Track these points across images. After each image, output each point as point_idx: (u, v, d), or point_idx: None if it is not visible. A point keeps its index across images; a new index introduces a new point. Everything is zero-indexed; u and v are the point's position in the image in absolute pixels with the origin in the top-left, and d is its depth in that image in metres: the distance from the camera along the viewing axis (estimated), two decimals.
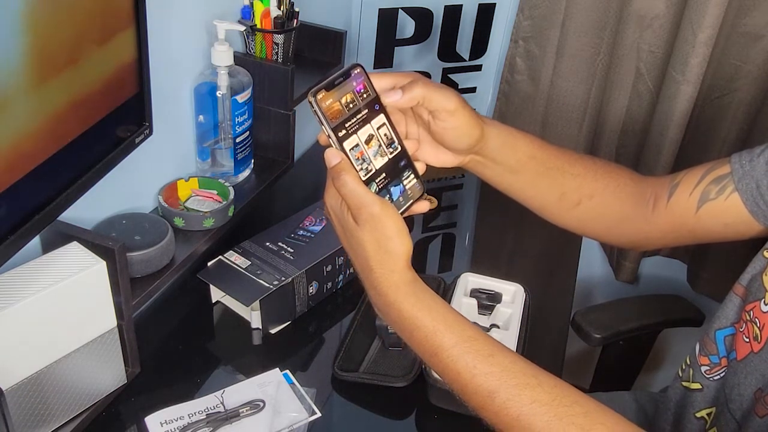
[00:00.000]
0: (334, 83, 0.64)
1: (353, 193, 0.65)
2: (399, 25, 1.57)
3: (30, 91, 0.68)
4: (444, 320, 0.66)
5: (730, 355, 0.83)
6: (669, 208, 0.83)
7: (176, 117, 1.09)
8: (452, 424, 0.95)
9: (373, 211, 0.64)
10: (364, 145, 0.66)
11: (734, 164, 0.80)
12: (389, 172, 0.68)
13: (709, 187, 0.81)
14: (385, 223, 0.64)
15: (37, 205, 0.73)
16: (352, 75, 0.65)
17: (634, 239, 0.90)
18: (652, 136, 1.52)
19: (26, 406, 0.79)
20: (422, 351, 0.67)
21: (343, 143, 0.64)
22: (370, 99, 0.66)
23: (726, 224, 0.80)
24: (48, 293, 0.76)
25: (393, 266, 0.65)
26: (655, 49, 1.47)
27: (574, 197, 0.85)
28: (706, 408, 0.87)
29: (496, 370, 0.63)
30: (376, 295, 0.67)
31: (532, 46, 1.55)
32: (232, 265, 1.08)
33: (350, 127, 0.65)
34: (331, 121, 0.64)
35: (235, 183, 1.15)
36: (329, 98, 0.63)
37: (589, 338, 1.23)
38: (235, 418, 0.89)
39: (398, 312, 0.66)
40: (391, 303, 0.66)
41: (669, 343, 1.77)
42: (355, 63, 0.66)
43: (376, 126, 0.67)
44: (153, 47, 0.86)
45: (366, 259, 0.66)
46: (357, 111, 0.65)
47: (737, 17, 1.39)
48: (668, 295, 1.43)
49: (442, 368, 0.66)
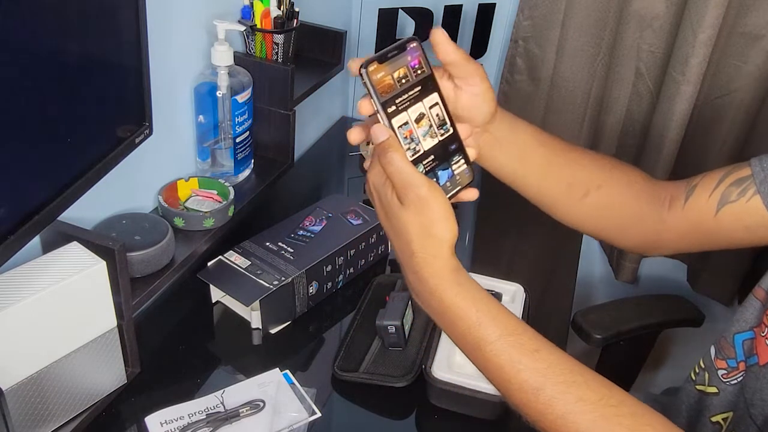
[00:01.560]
0: (388, 56, 0.60)
1: (400, 171, 0.61)
2: (399, 25, 1.57)
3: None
4: (488, 312, 0.63)
5: (750, 360, 0.82)
6: (687, 209, 0.82)
7: (176, 117, 1.09)
8: (452, 424, 0.95)
9: (420, 192, 0.61)
10: (413, 124, 0.62)
11: (755, 167, 0.79)
12: (438, 155, 0.64)
13: (729, 189, 0.79)
14: (431, 206, 0.61)
15: (37, 205, 0.73)
16: (407, 48, 0.61)
17: (646, 240, 0.87)
18: (652, 136, 1.52)
19: (26, 406, 0.79)
20: (463, 343, 0.65)
21: (391, 119, 0.61)
22: (425, 76, 0.63)
23: (746, 227, 0.79)
24: (48, 293, 0.76)
25: (436, 252, 0.63)
26: (655, 49, 1.47)
27: (581, 188, 0.82)
28: (723, 412, 0.85)
29: (541, 366, 0.62)
30: (416, 281, 0.64)
31: (532, 46, 1.55)
32: (232, 265, 1.08)
33: (401, 104, 0.61)
34: (381, 95, 0.60)
35: (235, 183, 1.15)
36: (381, 71, 0.60)
37: (590, 339, 1.23)
38: (235, 418, 0.89)
39: (440, 301, 0.64)
40: (433, 291, 0.63)
41: (669, 344, 1.78)
42: (412, 36, 0.62)
43: (428, 105, 0.63)
44: (153, 47, 0.86)
45: (408, 243, 0.63)
46: (409, 87, 0.62)
47: (737, 17, 1.39)
48: (669, 295, 1.43)
49: (484, 362, 0.64)
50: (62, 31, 0.72)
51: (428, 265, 0.63)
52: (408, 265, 0.64)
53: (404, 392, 0.97)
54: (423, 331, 1.04)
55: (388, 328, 0.99)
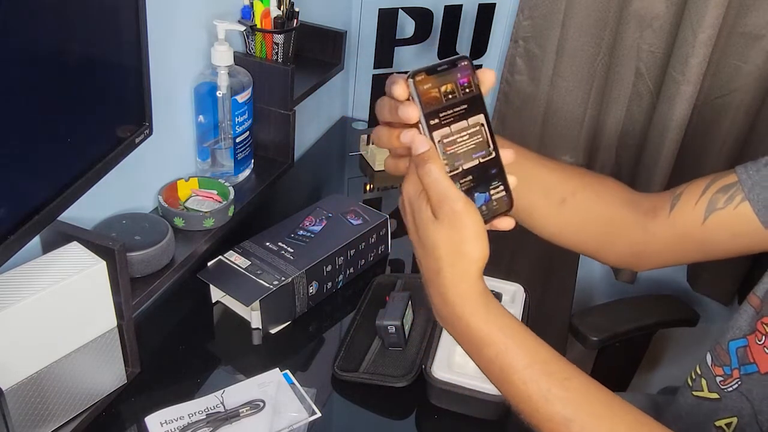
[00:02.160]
0: (437, 69, 0.60)
1: (438, 183, 0.60)
2: (399, 25, 1.57)
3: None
4: (516, 338, 0.62)
5: (746, 368, 0.81)
6: (672, 218, 0.82)
7: (176, 117, 1.09)
8: (452, 424, 0.95)
9: (456, 207, 0.59)
10: (455, 140, 0.61)
11: (741, 174, 0.79)
12: (477, 177, 0.63)
13: (716, 196, 0.79)
14: (465, 223, 0.59)
15: (37, 205, 0.73)
16: (458, 66, 0.61)
17: (633, 252, 0.86)
18: (652, 136, 1.52)
19: (26, 406, 0.79)
20: (490, 370, 0.63)
21: (433, 132, 0.60)
22: (472, 95, 0.62)
23: (734, 234, 0.79)
24: (48, 293, 0.76)
25: (465, 272, 0.60)
26: (655, 49, 1.47)
27: (558, 192, 0.81)
28: (727, 417, 0.85)
29: (571, 396, 0.60)
30: (442, 303, 0.62)
31: (532, 46, 1.55)
32: (232, 265, 1.08)
33: (444, 118, 0.61)
34: (425, 105, 0.60)
35: (235, 183, 1.15)
36: (428, 82, 0.60)
37: (587, 341, 1.23)
38: (235, 418, 0.89)
39: (466, 325, 0.61)
40: (459, 315, 0.61)
41: (665, 344, 1.78)
42: (464, 55, 0.62)
43: (472, 124, 0.62)
44: (153, 47, 0.86)
45: (437, 259, 0.60)
46: (455, 104, 0.61)
47: (737, 17, 1.39)
48: (663, 296, 1.43)
49: (513, 391, 0.62)
50: (62, 31, 0.72)
51: (455, 286, 0.61)
52: (434, 286, 0.62)
53: (404, 392, 0.97)
54: (423, 331, 1.04)
55: (388, 328, 0.99)
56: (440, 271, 0.61)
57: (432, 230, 0.60)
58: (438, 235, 0.60)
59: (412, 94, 0.60)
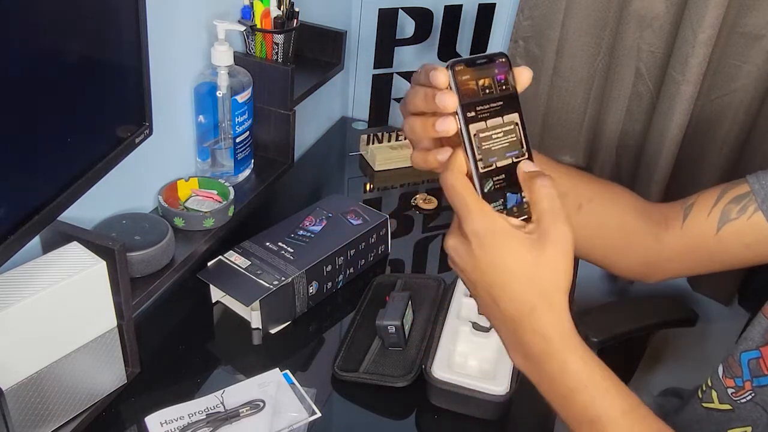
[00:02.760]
0: (476, 62, 0.59)
1: (555, 199, 0.55)
2: (399, 25, 1.57)
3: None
4: (612, 381, 0.58)
5: (761, 380, 0.81)
6: (685, 229, 0.81)
7: (176, 117, 1.09)
8: (452, 424, 0.95)
9: (566, 230, 0.55)
10: (490, 136, 0.60)
11: (753, 184, 0.79)
12: (509, 176, 0.60)
13: (728, 207, 0.79)
14: (570, 249, 0.55)
15: (37, 205, 0.73)
16: (496, 61, 0.60)
17: (646, 263, 0.85)
18: (652, 135, 1.52)
19: (26, 406, 0.79)
20: (578, 415, 0.58)
21: (469, 125, 0.59)
22: (509, 93, 0.61)
23: (747, 245, 0.79)
24: (48, 293, 0.76)
25: (561, 306, 0.56)
26: (655, 49, 1.47)
27: (574, 199, 0.80)
28: (740, 427, 0.84)
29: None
30: (538, 339, 0.56)
31: (532, 46, 1.55)
32: (232, 265, 1.08)
33: (480, 112, 0.59)
34: (462, 96, 0.58)
35: (235, 183, 1.15)
36: (466, 74, 0.58)
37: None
38: (235, 418, 0.89)
39: (562, 364, 0.57)
40: (556, 352, 0.56)
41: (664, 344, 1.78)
42: (502, 52, 0.61)
43: (507, 122, 0.61)
44: (153, 47, 0.86)
45: (536, 293, 0.55)
46: (491, 99, 0.60)
47: (737, 17, 1.39)
48: (662, 296, 1.43)
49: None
50: (62, 31, 0.72)
51: (554, 322, 0.56)
52: (526, 321, 0.56)
53: (404, 392, 0.97)
54: (423, 331, 1.04)
55: (388, 328, 0.99)
56: (535, 308, 0.56)
57: (532, 257, 0.55)
58: (541, 261, 0.55)
59: (451, 83, 0.58)
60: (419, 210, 1.39)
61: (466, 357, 1.00)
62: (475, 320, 1.02)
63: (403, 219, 1.36)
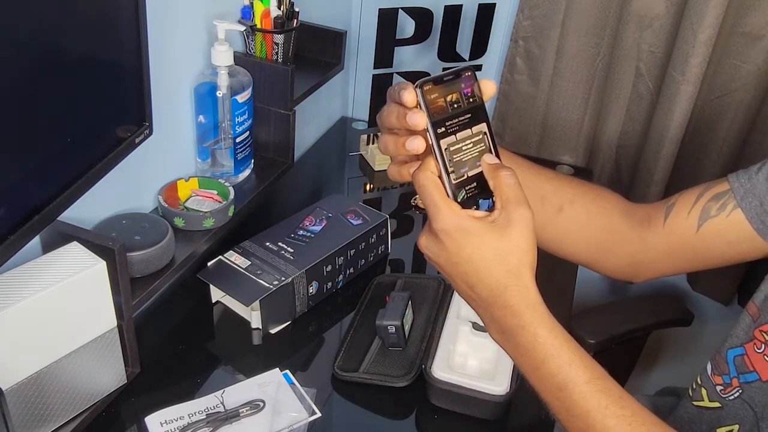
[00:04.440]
0: (443, 79, 0.62)
1: (518, 187, 0.61)
2: (399, 25, 1.57)
3: None
4: (579, 352, 0.62)
5: (746, 376, 0.82)
6: (667, 228, 0.82)
7: (176, 117, 1.09)
8: (452, 424, 0.95)
9: (527, 213, 0.60)
10: (460, 149, 0.63)
11: (733, 182, 0.79)
12: (480, 184, 0.64)
13: (708, 204, 0.80)
14: (531, 228, 0.60)
15: (37, 205, 0.73)
16: (462, 76, 0.63)
17: (631, 262, 0.87)
18: (652, 136, 1.52)
19: (26, 406, 0.79)
20: (548, 383, 0.62)
21: (440, 140, 0.62)
22: (475, 105, 0.64)
23: (729, 242, 0.80)
24: (48, 293, 0.76)
25: (528, 282, 0.61)
26: (655, 49, 1.47)
27: (555, 201, 0.82)
28: (728, 425, 0.85)
29: (627, 414, 0.61)
30: (509, 315, 0.61)
31: (532, 46, 1.55)
32: (232, 265, 1.08)
33: (450, 127, 0.63)
34: (432, 114, 0.62)
35: (235, 183, 1.15)
36: (435, 92, 0.62)
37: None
38: (235, 418, 0.89)
39: (532, 336, 0.61)
40: (527, 325, 0.61)
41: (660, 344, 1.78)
42: (468, 66, 0.64)
43: (475, 132, 0.64)
44: (153, 47, 0.86)
45: (505, 273, 0.60)
46: (460, 113, 0.63)
47: (737, 17, 1.39)
48: (657, 296, 1.44)
49: (569, 404, 0.61)
50: (62, 31, 0.72)
51: (523, 297, 0.61)
52: (499, 299, 0.61)
53: (404, 392, 0.97)
54: (423, 331, 1.04)
55: (388, 328, 0.99)
56: (507, 287, 0.61)
57: (499, 241, 0.60)
58: (508, 243, 0.60)
59: (420, 103, 0.61)
60: (419, 210, 1.39)
61: (466, 357, 1.00)
62: (475, 320, 1.02)
63: (403, 219, 1.36)
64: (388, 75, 1.65)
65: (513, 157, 0.81)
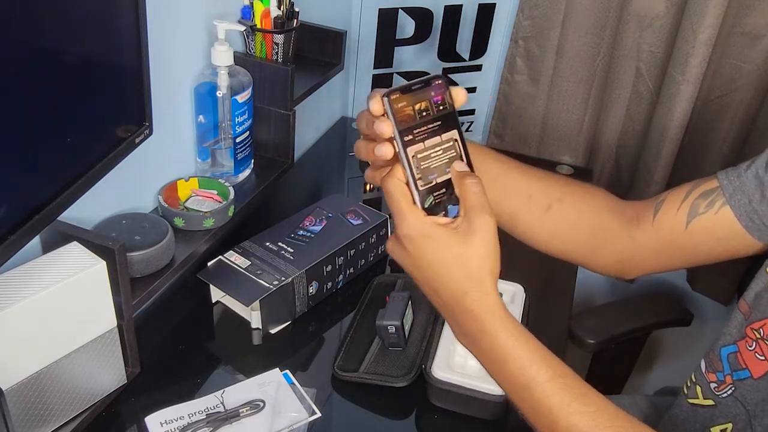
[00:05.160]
0: (411, 88, 0.63)
1: (483, 195, 0.62)
2: (399, 25, 1.57)
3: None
4: (539, 352, 0.63)
5: (739, 374, 0.82)
6: (656, 225, 0.83)
7: (176, 117, 1.09)
8: (452, 424, 0.95)
9: (491, 221, 0.61)
10: (429, 155, 0.64)
11: (722, 180, 0.80)
12: (450, 190, 0.65)
13: (697, 202, 0.80)
14: (494, 234, 0.61)
15: (37, 205, 0.73)
16: (432, 84, 0.64)
17: (621, 260, 0.87)
18: (652, 136, 1.52)
19: (26, 406, 0.79)
20: (512, 384, 0.64)
21: (407, 148, 0.63)
22: (446, 112, 0.65)
23: (718, 239, 0.80)
24: (48, 293, 0.76)
25: (489, 288, 0.62)
26: (655, 49, 1.47)
27: (542, 200, 0.83)
28: (722, 423, 0.85)
29: (591, 410, 0.62)
30: (470, 319, 0.63)
31: (532, 46, 1.55)
32: (232, 265, 1.08)
33: (418, 134, 0.63)
34: (399, 123, 0.63)
35: (235, 183, 1.15)
36: (403, 101, 0.63)
37: (583, 344, 1.24)
38: (235, 418, 0.89)
39: (492, 339, 0.63)
40: (486, 329, 0.62)
41: (660, 344, 1.78)
42: (438, 74, 0.65)
43: (445, 140, 0.65)
44: (153, 47, 0.86)
45: (465, 279, 0.62)
46: (429, 121, 0.64)
47: (737, 17, 1.39)
48: (657, 296, 1.44)
49: (533, 403, 0.63)
50: (62, 31, 0.72)
51: (482, 302, 0.62)
52: (460, 304, 0.63)
53: (404, 392, 0.97)
54: (423, 331, 1.04)
55: (388, 328, 0.99)
56: (466, 293, 0.62)
57: (460, 247, 0.61)
58: (469, 249, 0.61)
59: (387, 112, 0.62)
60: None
61: (465, 357, 1.00)
62: None
63: None
64: (388, 75, 1.65)
65: (500, 157, 0.81)
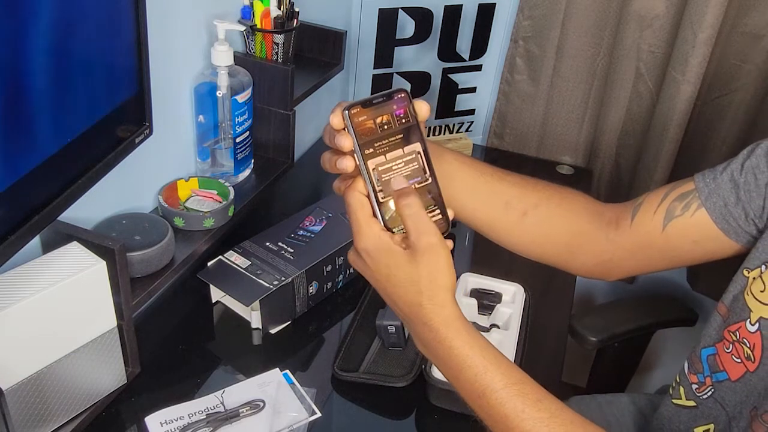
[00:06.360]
0: (373, 102, 0.64)
1: (418, 216, 0.63)
2: (399, 25, 1.57)
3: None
4: (494, 360, 0.64)
5: (717, 375, 0.82)
6: (634, 227, 0.83)
7: (176, 117, 1.09)
8: (452, 424, 0.95)
9: (432, 240, 0.62)
10: (390, 168, 0.65)
11: (698, 182, 0.80)
12: None
13: (673, 204, 0.81)
14: (440, 254, 0.63)
15: (37, 205, 0.73)
16: (394, 98, 0.65)
17: (599, 262, 0.88)
18: (652, 135, 1.52)
19: (26, 406, 0.79)
20: (468, 391, 0.65)
21: (367, 161, 0.64)
22: (409, 125, 0.65)
23: (695, 241, 0.80)
24: (48, 293, 0.76)
25: (443, 300, 0.64)
26: (655, 49, 1.47)
27: (518, 206, 0.83)
28: (704, 425, 0.86)
29: (545, 416, 0.63)
30: (426, 331, 0.65)
31: (532, 46, 1.55)
32: (232, 265, 1.08)
33: (379, 147, 0.64)
34: (359, 136, 0.63)
35: (235, 183, 1.15)
36: (363, 114, 0.63)
37: (585, 342, 1.24)
38: (235, 418, 0.89)
39: (448, 349, 0.64)
40: (442, 339, 0.64)
41: (663, 344, 1.78)
42: (401, 88, 0.65)
43: (408, 152, 0.65)
44: (153, 47, 0.86)
45: (417, 293, 0.64)
46: (391, 134, 0.64)
47: (737, 17, 1.39)
48: (661, 296, 1.44)
49: (488, 410, 0.64)
50: (62, 31, 0.72)
51: (437, 314, 0.64)
52: (417, 316, 0.65)
53: (404, 392, 0.97)
54: None
55: (388, 328, 0.99)
56: (421, 306, 0.64)
57: (409, 267, 0.63)
58: (416, 270, 0.63)
59: (347, 126, 0.63)
60: None
61: None
62: (474, 320, 1.02)
63: None
64: (388, 75, 1.64)
65: (476, 164, 0.82)
